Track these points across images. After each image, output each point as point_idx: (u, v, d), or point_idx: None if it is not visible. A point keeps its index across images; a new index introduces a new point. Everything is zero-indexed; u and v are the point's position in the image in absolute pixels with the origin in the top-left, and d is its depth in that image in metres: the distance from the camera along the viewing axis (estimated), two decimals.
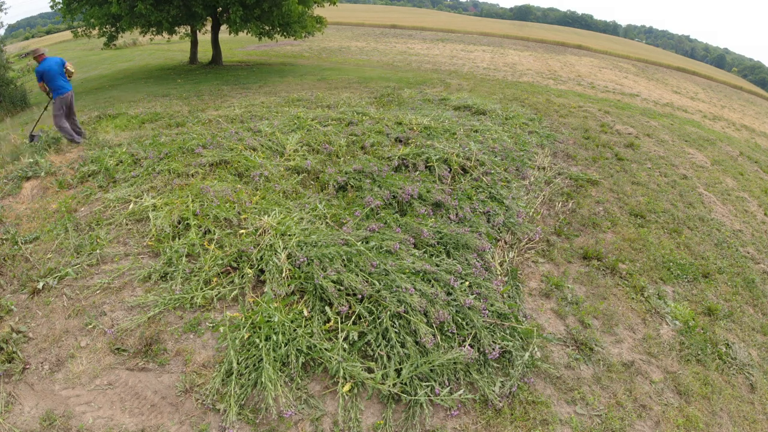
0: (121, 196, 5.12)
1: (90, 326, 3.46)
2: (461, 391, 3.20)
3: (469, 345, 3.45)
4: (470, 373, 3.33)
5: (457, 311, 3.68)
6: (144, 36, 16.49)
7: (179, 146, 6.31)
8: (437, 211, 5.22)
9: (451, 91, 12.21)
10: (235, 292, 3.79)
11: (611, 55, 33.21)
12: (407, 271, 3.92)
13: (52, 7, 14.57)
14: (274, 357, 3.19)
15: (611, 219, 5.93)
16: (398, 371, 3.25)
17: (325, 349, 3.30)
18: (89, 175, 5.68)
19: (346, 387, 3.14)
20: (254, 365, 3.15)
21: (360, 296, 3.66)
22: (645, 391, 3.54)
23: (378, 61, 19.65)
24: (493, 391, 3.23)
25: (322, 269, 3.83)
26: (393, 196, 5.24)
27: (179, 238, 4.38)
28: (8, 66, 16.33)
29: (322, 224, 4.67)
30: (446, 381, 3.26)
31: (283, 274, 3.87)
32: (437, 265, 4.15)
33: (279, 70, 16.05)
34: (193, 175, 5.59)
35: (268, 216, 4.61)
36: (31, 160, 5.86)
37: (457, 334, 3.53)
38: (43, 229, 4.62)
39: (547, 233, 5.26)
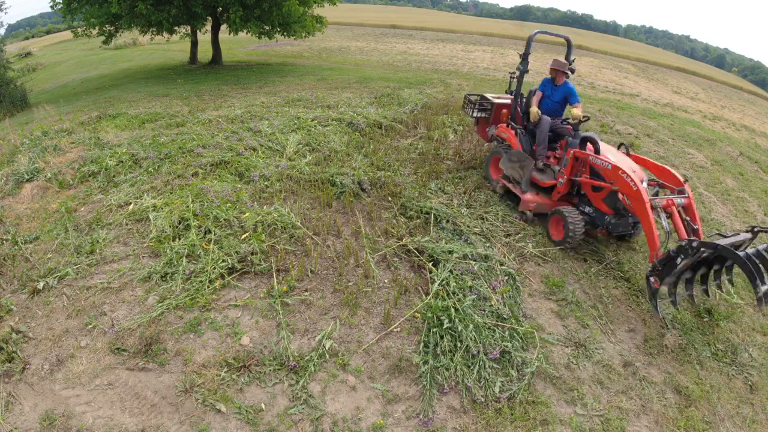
0: (121, 196, 5.12)
1: (90, 326, 3.46)
2: (461, 391, 3.21)
3: (469, 345, 3.45)
4: (471, 373, 3.34)
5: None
6: (144, 36, 16.47)
7: (179, 146, 6.32)
8: None
9: (451, 92, 12.21)
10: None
11: (611, 55, 33.17)
12: None
13: (52, 7, 14.55)
14: None
15: None
16: None
17: None
18: (89, 175, 5.68)
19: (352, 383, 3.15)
20: None
21: None
22: (645, 392, 3.54)
23: (378, 61, 19.64)
24: (493, 391, 3.24)
25: None
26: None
27: (179, 239, 4.38)
28: (8, 66, 16.34)
29: None
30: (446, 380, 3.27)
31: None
32: None
33: (279, 70, 16.04)
34: (193, 175, 5.59)
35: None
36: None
37: (458, 334, 3.53)
38: (43, 229, 4.62)
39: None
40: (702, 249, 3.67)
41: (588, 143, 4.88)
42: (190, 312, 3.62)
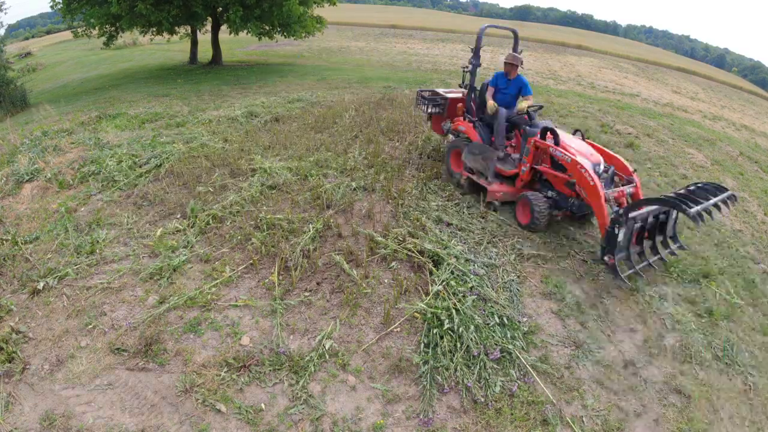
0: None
1: (90, 326, 3.46)
2: (461, 391, 3.21)
3: (469, 346, 3.45)
4: (471, 373, 3.34)
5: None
6: (144, 36, 16.47)
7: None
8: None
9: None
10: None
11: (611, 55, 33.13)
12: None
13: (52, 7, 14.55)
14: None
15: None
16: None
17: None
18: (89, 175, 5.68)
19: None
20: None
21: None
22: (645, 392, 3.53)
23: (378, 61, 19.63)
24: (494, 391, 3.24)
25: None
26: None
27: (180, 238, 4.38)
28: (8, 66, 16.33)
29: None
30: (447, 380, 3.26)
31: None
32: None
33: (279, 70, 16.03)
34: None
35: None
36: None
37: (458, 335, 3.53)
38: (43, 229, 4.62)
39: (547, 234, 5.25)
40: (629, 213, 4.20)
41: (548, 133, 5.10)
42: (190, 312, 3.63)
